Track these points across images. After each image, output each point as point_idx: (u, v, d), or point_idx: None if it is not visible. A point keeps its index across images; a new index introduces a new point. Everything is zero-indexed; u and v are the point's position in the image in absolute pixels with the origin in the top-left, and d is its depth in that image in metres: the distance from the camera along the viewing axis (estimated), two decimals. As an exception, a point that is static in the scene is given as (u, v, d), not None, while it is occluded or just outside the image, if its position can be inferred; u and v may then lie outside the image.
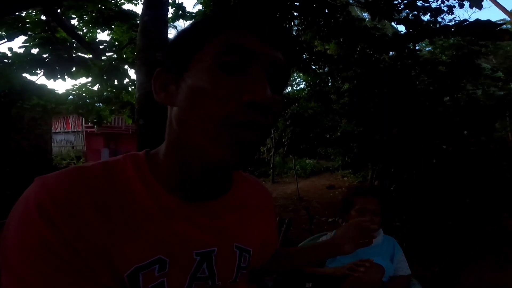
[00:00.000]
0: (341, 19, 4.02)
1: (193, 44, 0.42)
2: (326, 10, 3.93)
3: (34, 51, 4.02)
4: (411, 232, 3.10)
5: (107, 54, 4.81)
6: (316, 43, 5.06)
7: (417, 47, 4.64)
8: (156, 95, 0.46)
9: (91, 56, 4.54)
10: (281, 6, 3.65)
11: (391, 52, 4.48)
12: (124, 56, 4.78)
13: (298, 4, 3.93)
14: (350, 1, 5.17)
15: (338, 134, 6.22)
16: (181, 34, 0.46)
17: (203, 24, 0.44)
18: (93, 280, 0.39)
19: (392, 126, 4.77)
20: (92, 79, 4.74)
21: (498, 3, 10.92)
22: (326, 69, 5.80)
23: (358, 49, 4.60)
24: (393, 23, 5.33)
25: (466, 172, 4.08)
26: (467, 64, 3.92)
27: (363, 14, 8.02)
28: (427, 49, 5.64)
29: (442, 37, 3.45)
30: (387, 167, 5.39)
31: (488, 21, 2.92)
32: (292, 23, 4.38)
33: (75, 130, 14.30)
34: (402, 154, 4.67)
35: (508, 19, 12.38)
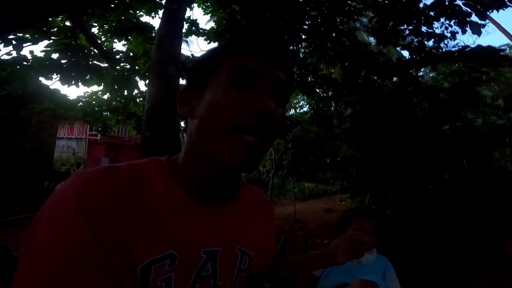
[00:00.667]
0: (347, 43, 4.21)
1: (210, 66, 0.51)
2: (334, 34, 4.12)
3: (54, 56, 4.14)
4: (406, 255, 3.08)
5: (121, 65, 4.98)
6: (321, 66, 5.23)
7: (420, 73, 4.77)
8: (179, 109, 0.54)
9: (106, 65, 4.71)
10: (290, 28, 3.85)
11: (394, 78, 4.62)
12: (137, 68, 4.95)
13: (306, 27, 4.12)
14: (357, 26, 5.36)
15: (338, 158, 6.28)
16: (201, 58, 0.54)
17: (218, 49, 0.53)
18: (110, 272, 0.43)
19: (392, 152, 4.84)
20: (104, 88, 4.87)
21: (502, 27, 11.03)
22: (330, 93, 5.95)
23: (362, 74, 4.76)
24: (397, 49, 5.51)
25: (460, 200, 4.11)
26: (467, 91, 4.04)
27: (370, 38, 8.31)
28: (431, 75, 5.78)
29: (444, 63, 3.59)
30: (386, 192, 5.38)
31: (489, 47, 3.07)
32: (300, 45, 4.56)
33: (79, 137, 14.38)
34: (400, 180, 4.69)
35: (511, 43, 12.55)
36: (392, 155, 4.86)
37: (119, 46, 8.44)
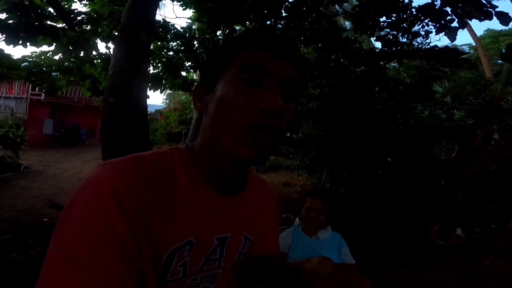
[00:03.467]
0: (325, 26, 4.21)
1: (219, 63, 0.51)
2: (314, 15, 4.09)
3: (2, 16, 3.62)
4: (352, 231, 3.47)
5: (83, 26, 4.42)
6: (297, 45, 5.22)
7: (390, 66, 5.01)
8: (195, 105, 0.56)
9: (63, 25, 4.13)
10: (271, 4, 3.70)
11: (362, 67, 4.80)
12: (99, 30, 4.44)
13: (289, 4, 4.03)
14: (339, 10, 5.32)
15: (300, 135, 6.54)
16: (212, 55, 0.55)
17: (227, 45, 0.52)
18: (137, 263, 0.45)
19: (350, 135, 5.19)
20: (56, 48, 4.32)
21: (471, 27, 11.78)
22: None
23: (333, 57, 4.87)
24: (372, 39, 5.66)
25: (403, 184, 4.67)
26: (424, 87, 4.41)
27: (346, 23, 8.34)
28: (393, 64, 6.11)
29: (411, 59, 3.83)
30: (341, 172, 5.83)
31: (455, 49, 3.35)
32: (278, 22, 4.46)
33: (18, 96, 12.63)
34: (354, 162, 5.10)
35: (474, 44, 13.51)
36: (350, 138, 5.22)
37: (81, 7, 7.34)
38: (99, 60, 5.19)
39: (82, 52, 4.48)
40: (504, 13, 2.77)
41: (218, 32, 4.86)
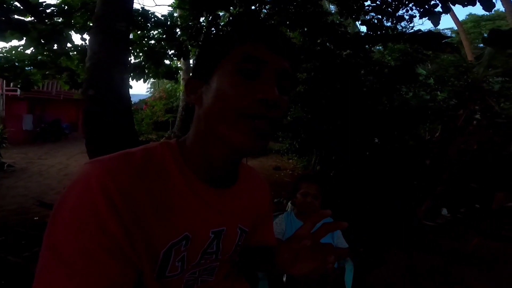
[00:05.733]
0: (311, 10, 4.15)
1: (215, 56, 0.51)
2: (300, -1, 4.01)
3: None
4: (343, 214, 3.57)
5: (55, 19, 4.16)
6: (283, 29, 5.14)
7: (374, 49, 5.02)
8: (187, 97, 0.56)
9: (32, 19, 3.87)
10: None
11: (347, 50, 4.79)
12: (73, 22, 4.20)
13: None
14: None
15: (289, 119, 6.55)
16: (207, 47, 0.54)
17: (223, 39, 0.52)
18: (133, 262, 0.45)
19: (338, 118, 5.25)
20: (27, 43, 4.08)
21: (453, 11, 12.00)
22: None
23: (318, 41, 4.84)
24: (357, 23, 5.61)
25: (391, 164, 4.82)
26: (408, 70, 4.48)
27: (331, 7, 8.18)
28: (378, 47, 6.15)
29: (395, 42, 3.85)
30: (330, 154, 5.94)
31: (438, 34, 3.40)
32: (263, 6, 4.35)
33: (-6, 93, 11.95)
34: (343, 144, 5.19)
35: (456, 28, 13.70)
36: (338, 121, 5.29)
37: None
38: (75, 52, 4.97)
39: (55, 45, 4.27)
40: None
41: (201, 19, 4.71)
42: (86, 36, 4.56)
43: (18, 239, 2.99)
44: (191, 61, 13.58)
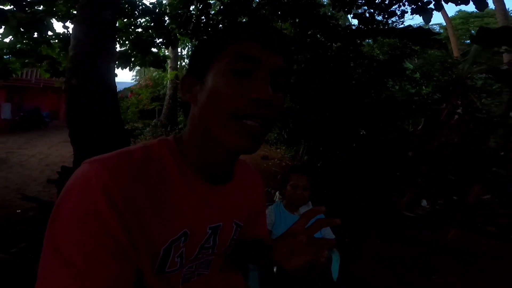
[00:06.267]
0: (303, 1, 4.11)
1: (210, 54, 0.51)
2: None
3: None
4: (329, 205, 3.64)
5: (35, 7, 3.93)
6: (274, 20, 5.08)
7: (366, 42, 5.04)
8: (183, 95, 0.55)
9: (12, 7, 3.66)
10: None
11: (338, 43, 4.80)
12: (55, 10, 4.00)
13: None
14: None
15: (279, 110, 6.51)
16: (201, 45, 0.55)
17: (218, 37, 0.52)
18: (133, 260, 0.46)
19: (326, 109, 5.30)
20: (5, 31, 3.86)
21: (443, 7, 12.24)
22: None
23: (309, 33, 4.83)
24: (349, 16, 5.60)
25: (376, 156, 4.95)
26: (396, 64, 4.56)
27: None
28: (367, 41, 6.18)
29: (385, 37, 3.89)
30: (318, 145, 6.02)
31: (428, 30, 3.46)
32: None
33: (-31, 82, 11.27)
34: (330, 135, 5.27)
35: (444, 23, 13.90)
36: (326, 112, 5.35)
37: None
38: (56, 41, 4.74)
39: (36, 34, 4.07)
40: (481, -2, 2.86)
41: (191, 7, 4.58)
42: (69, 24, 4.38)
43: (3, 234, 2.91)
44: (179, 49, 13.28)
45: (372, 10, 3.89)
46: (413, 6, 3.30)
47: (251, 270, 1.49)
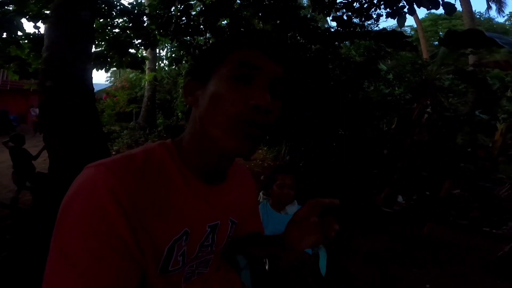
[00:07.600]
0: (284, 3, 4.19)
1: (213, 61, 0.54)
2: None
3: None
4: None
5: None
6: (255, 22, 5.12)
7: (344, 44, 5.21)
8: (185, 99, 0.58)
9: None
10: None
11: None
12: (25, 10, 3.80)
13: None
14: None
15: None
16: (206, 52, 0.58)
17: (221, 44, 0.55)
18: (138, 261, 0.48)
19: (306, 110, 5.43)
20: (-32, 32, 3.63)
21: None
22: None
23: (289, 34, 4.89)
24: (328, 19, 5.74)
25: (355, 155, 5.14)
26: (372, 66, 4.76)
27: (303, 0, 8.17)
28: (345, 42, 6.38)
29: (361, 39, 4.05)
30: (299, 145, 6.14)
31: (400, 33, 3.66)
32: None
33: None
34: (311, 136, 5.40)
35: (415, 25, 14.50)
36: (307, 113, 5.47)
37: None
38: (26, 41, 4.51)
39: (4, 34, 3.85)
40: (450, 4, 3.07)
41: (172, 8, 4.52)
42: (40, 24, 4.19)
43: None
44: (158, 50, 12.94)
45: (350, 13, 4.04)
46: (388, 10, 3.49)
47: (242, 269, 1.52)
